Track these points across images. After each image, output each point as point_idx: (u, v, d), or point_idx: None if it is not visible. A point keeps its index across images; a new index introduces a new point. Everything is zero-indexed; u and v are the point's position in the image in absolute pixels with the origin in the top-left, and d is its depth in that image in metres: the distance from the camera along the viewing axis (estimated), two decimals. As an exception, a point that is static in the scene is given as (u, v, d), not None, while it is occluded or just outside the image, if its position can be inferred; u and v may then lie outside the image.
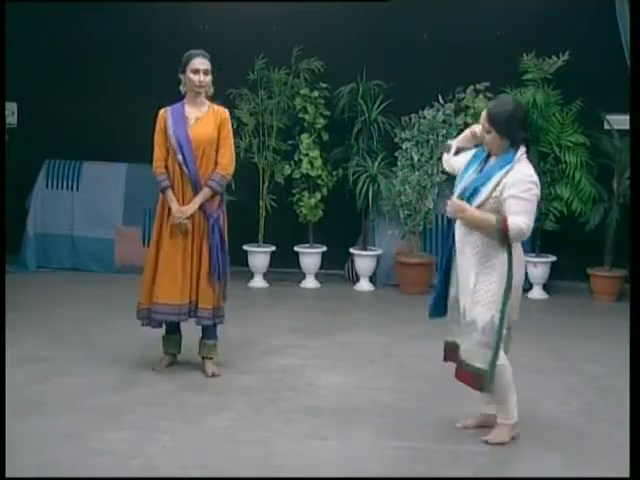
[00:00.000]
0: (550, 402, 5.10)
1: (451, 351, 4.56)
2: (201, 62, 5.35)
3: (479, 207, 4.31)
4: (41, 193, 8.70)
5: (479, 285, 4.33)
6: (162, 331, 5.58)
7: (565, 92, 7.95)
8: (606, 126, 8.06)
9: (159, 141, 5.44)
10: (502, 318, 4.31)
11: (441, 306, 4.60)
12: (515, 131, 4.33)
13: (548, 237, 8.12)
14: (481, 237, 4.33)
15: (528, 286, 7.95)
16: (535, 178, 4.32)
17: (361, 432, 4.62)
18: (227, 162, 5.42)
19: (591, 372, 5.73)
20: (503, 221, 4.25)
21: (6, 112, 8.53)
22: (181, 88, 5.44)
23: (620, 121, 7.67)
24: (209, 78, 5.40)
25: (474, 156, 4.54)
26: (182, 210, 5.32)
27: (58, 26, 8.66)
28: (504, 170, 4.30)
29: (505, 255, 4.32)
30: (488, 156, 4.47)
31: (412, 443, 4.49)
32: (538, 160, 7.95)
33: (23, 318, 6.61)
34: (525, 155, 4.35)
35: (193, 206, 5.33)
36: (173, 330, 5.59)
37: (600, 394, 5.34)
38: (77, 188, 8.66)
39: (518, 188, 4.25)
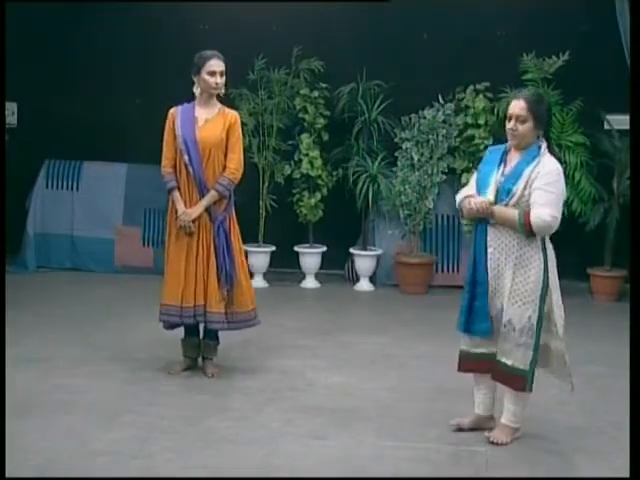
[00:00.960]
0: (550, 402, 5.10)
1: (468, 360, 4.52)
2: (217, 64, 5.32)
3: (514, 206, 4.30)
4: (41, 193, 8.70)
5: (515, 285, 4.32)
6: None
7: (565, 92, 7.95)
8: (606, 126, 8.06)
9: (168, 140, 5.42)
10: (540, 317, 4.31)
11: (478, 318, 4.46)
12: (548, 123, 4.39)
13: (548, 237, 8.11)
14: (517, 237, 4.32)
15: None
16: (561, 171, 4.34)
17: (361, 432, 4.62)
18: (235, 167, 5.40)
19: (591, 372, 5.73)
20: (525, 215, 4.25)
21: (6, 112, 8.53)
22: (194, 90, 5.40)
23: (620, 121, 7.67)
24: (224, 80, 5.39)
25: (488, 159, 4.52)
26: (187, 213, 5.31)
27: (58, 26, 8.66)
28: (532, 165, 4.31)
29: (540, 254, 4.32)
30: (505, 154, 4.44)
31: (412, 443, 4.49)
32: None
33: (23, 318, 6.61)
34: (547, 149, 4.37)
35: (198, 209, 5.31)
36: (191, 333, 5.56)
37: (600, 394, 5.34)
38: (77, 188, 8.67)
39: (544, 180, 4.26)
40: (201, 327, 5.56)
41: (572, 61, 7.80)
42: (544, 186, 4.26)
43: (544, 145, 4.37)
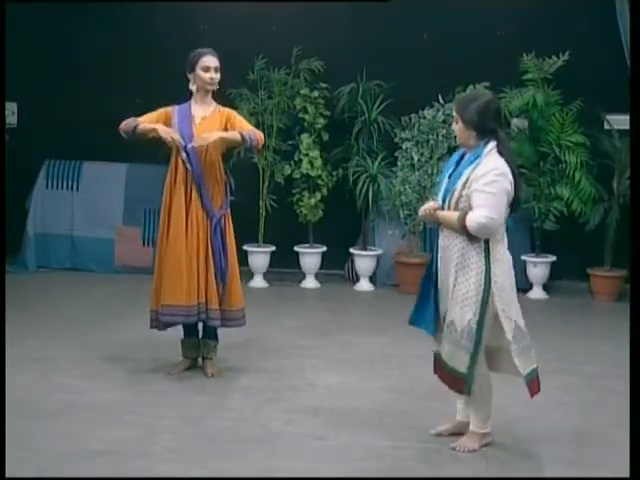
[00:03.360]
0: (550, 402, 5.10)
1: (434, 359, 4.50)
2: (211, 59, 5.34)
3: (456, 207, 4.26)
4: (41, 193, 8.69)
5: (458, 286, 4.26)
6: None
7: (565, 92, 7.95)
8: (606, 126, 8.06)
9: (150, 116, 5.42)
10: (480, 322, 4.22)
11: (423, 314, 4.49)
12: (483, 123, 4.23)
13: (548, 237, 8.12)
14: (459, 239, 4.26)
15: (528, 286, 7.97)
16: (503, 170, 4.21)
17: (361, 432, 4.63)
18: (254, 129, 5.45)
19: (591, 372, 5.73)
20: (462, 218, 4.20)
21: (6, 112, 8.53)
22: (190, 87, 5.41)
23: (620, 121, 7.67)
24: (219, 76, 5.39)
25: (448, 163, 4.52)
26: (204, 137, 5.25)
27: (58, 26, 8.65)
28: (473, 166, 4.24)
29: (482, 254, 4.23)
30: (462, 158, 4.40)
31: (412, 443, 4.49)
32: (538, 160, 7.98)
33: (23, 318, 6.61)
34: (496, 149, 4.24)
35: (216, 135, 5.26)
36: (190, 333, 5.56)
37: (600, 394, 5.34)
38: (77, 188, 8.67)
39: (481, 181, 4.18)
40: (200, 327, 5.56)
41: (572, 61, 7.80)
42: (482, 187, 4.17)
43: (490, 145, 4.25)
